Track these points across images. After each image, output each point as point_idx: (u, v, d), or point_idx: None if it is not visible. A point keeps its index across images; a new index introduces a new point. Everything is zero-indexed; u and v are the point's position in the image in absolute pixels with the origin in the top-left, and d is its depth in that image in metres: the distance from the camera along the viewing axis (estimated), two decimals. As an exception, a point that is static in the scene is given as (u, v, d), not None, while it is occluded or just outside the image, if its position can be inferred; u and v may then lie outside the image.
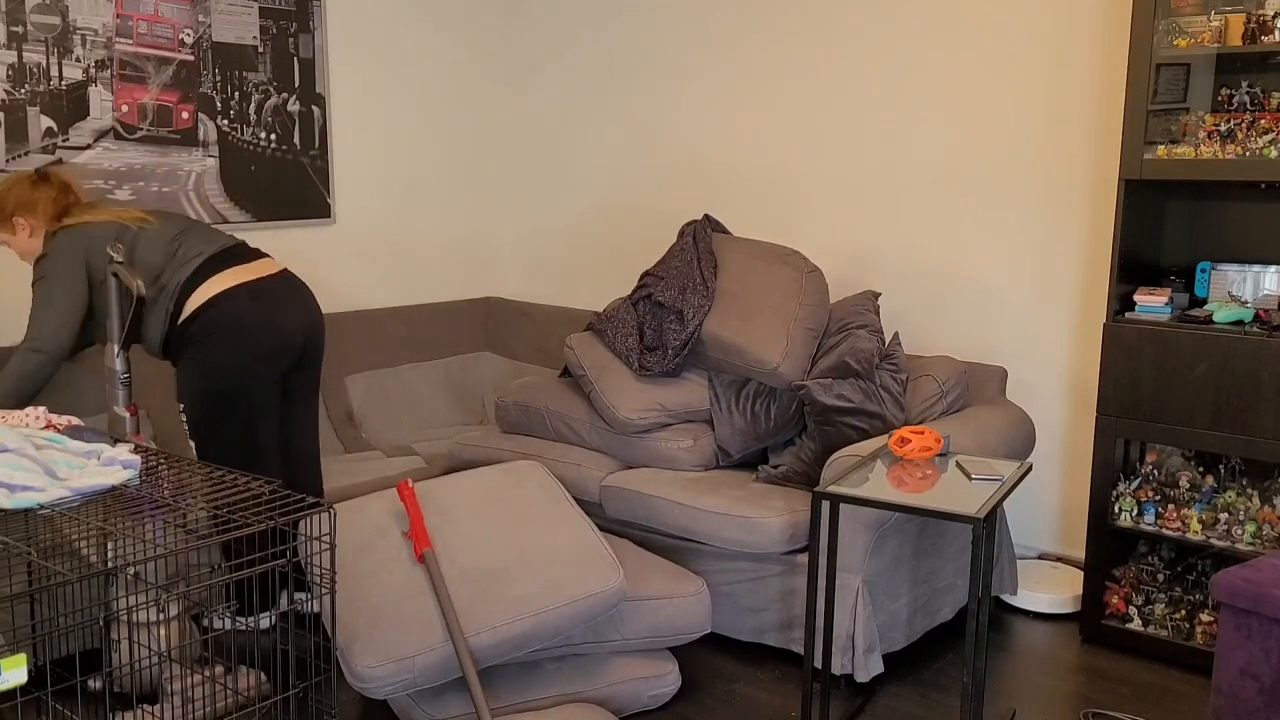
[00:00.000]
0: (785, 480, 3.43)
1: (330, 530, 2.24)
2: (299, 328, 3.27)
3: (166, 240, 3.20)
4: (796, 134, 4.30)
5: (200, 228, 3.32)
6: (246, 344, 3.15)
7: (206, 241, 3.25)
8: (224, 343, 3.13)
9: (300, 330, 3.28)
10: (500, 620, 2.69)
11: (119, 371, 3.15)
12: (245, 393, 3.17)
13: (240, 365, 3.15)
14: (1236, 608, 2.45)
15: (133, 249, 3.16)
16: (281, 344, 3.22)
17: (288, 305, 3.26)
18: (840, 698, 3.09)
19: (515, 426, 3.92)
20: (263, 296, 3.20)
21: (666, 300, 3.70)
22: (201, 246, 3.22)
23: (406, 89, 4.68)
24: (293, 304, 3.28)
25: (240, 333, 3.14)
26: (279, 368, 3.24)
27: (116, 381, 3.14)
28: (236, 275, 3.20)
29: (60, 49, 3.64)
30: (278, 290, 3.26)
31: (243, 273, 3.22)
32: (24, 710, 2.71)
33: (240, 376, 3.15)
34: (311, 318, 3.34)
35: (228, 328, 3.13)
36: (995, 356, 3.94)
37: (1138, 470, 3.42)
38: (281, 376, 3.28)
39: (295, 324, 3.26)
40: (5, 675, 1.80)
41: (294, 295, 3.30)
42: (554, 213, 5.08)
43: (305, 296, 3.35)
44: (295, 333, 3.26)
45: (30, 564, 2.66)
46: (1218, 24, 3.11)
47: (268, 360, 3.20)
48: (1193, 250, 3.45)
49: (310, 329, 3.33)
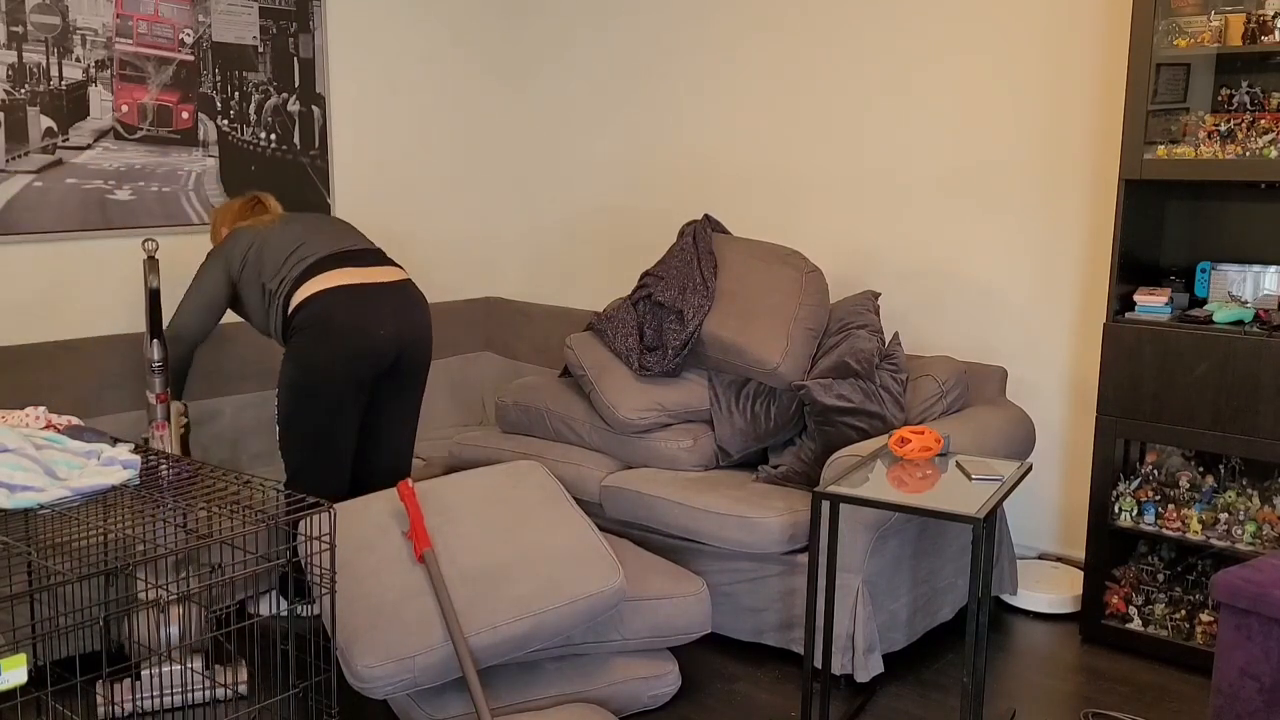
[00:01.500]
0: (785, 480, 3.43)
1: (330, 530, 2.24)
2: (391, 337, 3.29)
3: (292, 239, 3.36)
4: (797, 134, 4.31)
5: (332, 230, 3.45)
6: (331, 343, 3.20)
7: (330, 243, 3.36)
8: (312, 339, 3.21)
9: (393, 340, 3.29)
10: (500, 620, 2.69)
11: (152, 359, 3.27)
12: (323, 391, 3.21)
13: (322, 363, 3.20)
14: (1236, 608, 2.45)
15: (262, 247, 3.36)
16: (368, 349, 3.24)
17: (384, 313, 3.28)
18: (840, 698, 3.09)
19: (515, 426, 3.92)
20: (361, 301, 3.25)
21: (666, 300, 3.70)
22: (320, 248, 3.34)
23: (406, 89, 4.68)
24: (391, 313, 3.29)
25: (327, 331, 3.20)
26: (362, 373, 3.25)
27: (149, 369, 3.27)
28: (344, 276, 3.28)
29: (60, 49, 3.64)
30: (379, 296, 3.29)
31: (352, 275, 3.29)
32: (24, 710, 2.71)
33: (321, 374, 3.20)
34: (411, 331, 3.35)
35: (318, 325, 3.20)
36: (995, 356, 3.94)
37: (1138, 470, 3.42)
38: (367, 383, 3.29)
39: (388, 333, 3.28)
40: (5, 675, 1.80)
41: (397, 305, 3.32)
42: (554, 213, 5.08)
43: (411, 308, 3.37)
44: (386, 341, 3.27)
45: (30, 564, 2.66)
46: (1218, 24, 3.11)
47: (350, 363, 3.22)
48: (1193, 250, 3.45)
49: (405, 341, 3.34)
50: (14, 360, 3.48)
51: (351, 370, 3.22)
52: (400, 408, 3.47)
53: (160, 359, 3.29)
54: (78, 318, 3.76)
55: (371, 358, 3.25)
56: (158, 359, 3.29)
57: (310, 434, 3.26)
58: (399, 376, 3.40)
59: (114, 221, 3.81)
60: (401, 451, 3.53)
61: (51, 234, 3.68)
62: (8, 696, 2.37)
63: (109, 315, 3.83)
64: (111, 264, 3.83)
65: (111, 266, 3.83)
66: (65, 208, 3.69)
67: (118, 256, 3.84)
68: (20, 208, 3.60)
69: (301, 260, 3.31)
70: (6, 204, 3.56)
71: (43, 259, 3.68)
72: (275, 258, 3.34)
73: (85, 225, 3.74)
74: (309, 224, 3.46)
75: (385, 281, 3.33)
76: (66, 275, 3.73)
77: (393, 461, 3.51)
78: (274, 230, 3.41)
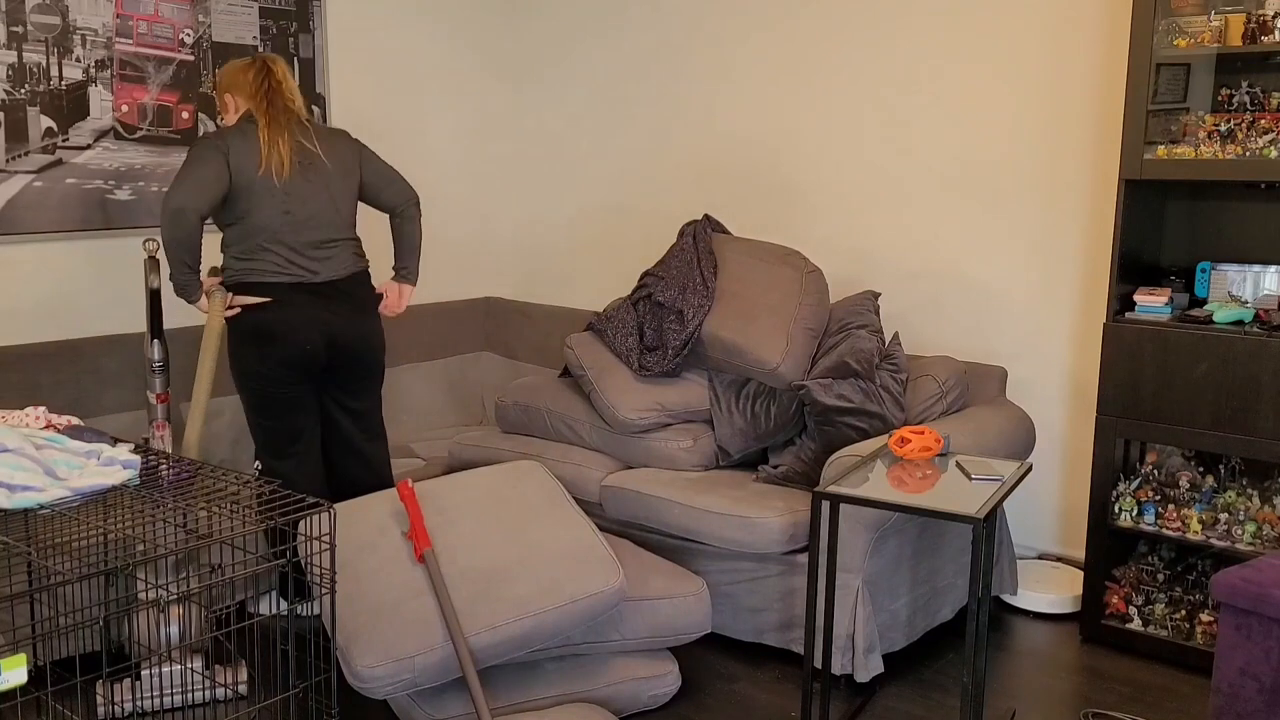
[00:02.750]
0: (785, 480, 3.43)
1: (330, 530, 2.24)
2: (318, 346, 3.31)
3: (277, 209, 3.24)
4: (797, 134, 4.31)
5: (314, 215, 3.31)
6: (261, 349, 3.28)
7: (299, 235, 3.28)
8: (243, 344, 3.31)
9: (320, 348, 3.32)
10: (500, 620, 2.69)
11: (151, 359, 3.30)
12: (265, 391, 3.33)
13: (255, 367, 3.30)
14: (1236, 608, 2.45)
15: (251, 185, 3.21)
16: (295, 357, 3.29)
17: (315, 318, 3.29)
18: (840, 698, 3.09)
19: (515, 426, 3.92)
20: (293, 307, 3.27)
21: (666, 300, 3.70)
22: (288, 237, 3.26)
23: (406, 89, 4.68)
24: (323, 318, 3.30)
25: (257, 338, 3.27)
26: (295, 372, 3.30)
27: (149, 369, 3.31)
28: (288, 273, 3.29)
29: (60, 49, 3.64)
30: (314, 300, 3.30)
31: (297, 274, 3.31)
32: (24, 710, 2.71)
33: (257, 376, 3.32)
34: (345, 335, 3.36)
35: (249, 331, 3.28)
36: (995, 356, 3.94)
37: (1138, 470, 3.42)
38: (303, 380, 3.33)
39: (313, 343, 3.30)
40: (5, 675, 1.80)
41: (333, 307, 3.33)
42: (554, 213, 5.08)
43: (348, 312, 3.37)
44: (312, 350, 3.30)
45: (30, 564, 2.67)
46: (1218, 24, 3.11)
47: (281, 367, 3.29)
48: (1193, 250, 3.45)
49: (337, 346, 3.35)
50: (14, 360, 3.48)
51: (285, 373, 3.28)
52: (354, 416, 3.49)
53: (160, 359, 3.31)
54: (78, 318, 3.76)
55: (301, 362, 3.29)
56: (158, 359, 3.30)
57: (268, 430, 3.34)
58: (338, 379, 3.42)
59: (114, 221, 3.81)
60: (373, 463, 3.55)
61: (51, 234, 3.68)
62: (8, 696, 2.37)
63: (109, 315, 3.83)
64: (111, 264, 3.83)
65: (111, 266, 3.83)
66: (65, 208, 3.69)
67: (118, 256, 3.84)
68: (20, 208, 3.60)
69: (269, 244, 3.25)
70: (6, 204, 3.56)
71: (43, 259, 3.68)
72: (259, 208, 3.22)
73: (85, 225, 3.74)
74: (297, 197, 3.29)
75: (328, 280, 3.33)
76: (66, 275, 3.73)
77: (368, 474, 3.53)
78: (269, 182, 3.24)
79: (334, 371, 3.38)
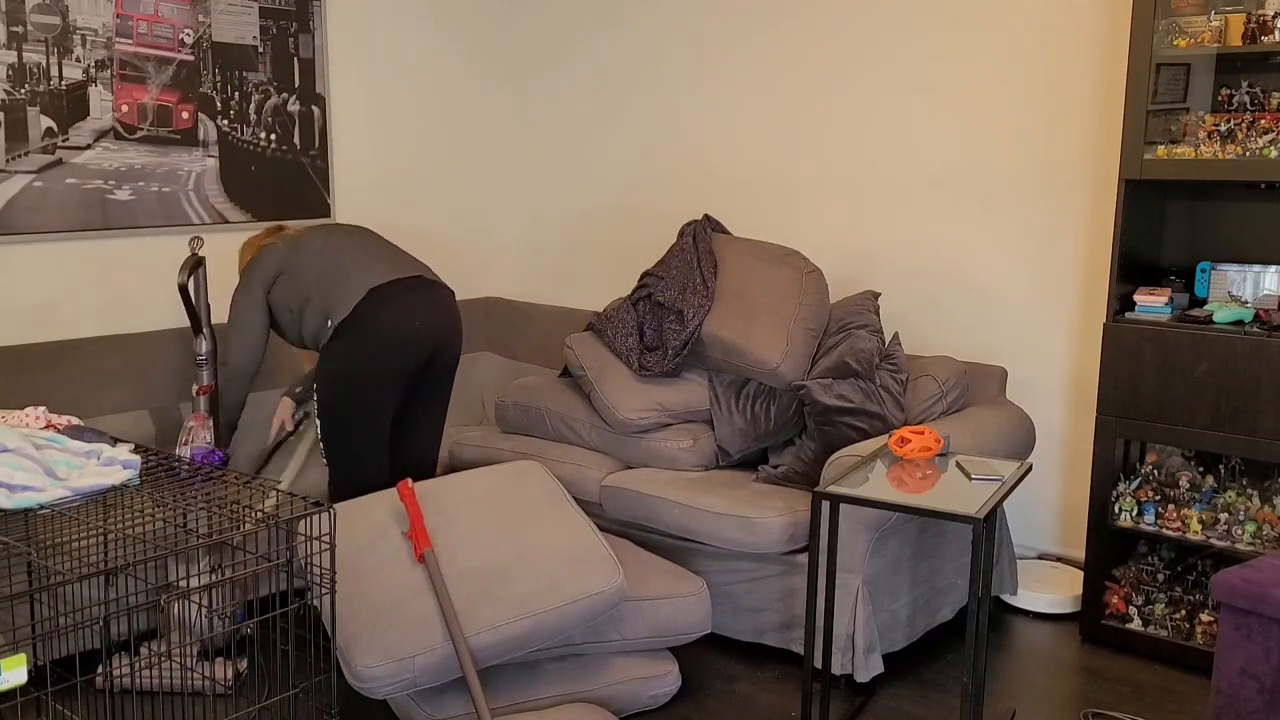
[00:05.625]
0: (785, 480, 3.43)
1: (330, 530, 2.24)
2: (427, 332, 3.34)
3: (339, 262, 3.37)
4: (797, 134, 4.31)
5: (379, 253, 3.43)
6: (371, 340, 3.28)
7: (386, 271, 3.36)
8: (351, 336, 3.30)
9: (428, 335, 3.34)
10: (500, 620, 2.69)
11: (198, 353, 3.46)
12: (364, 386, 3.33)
13: (362, 360, 3.30)
14: (1236, 608, 2.45)
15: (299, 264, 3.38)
16: (404, 345, 3.30)
17: (419, 308, 3.32)
18: (840, 698, 3.09)
19: (515, 426, 3.92)
20: (395, 297, 3.30)
21: (666, 300, 3.70)
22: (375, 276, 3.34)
23: (406, 89, 4.68)
24: (426, 308, 3.33)
25: (366, 328, 3.28)
26: (400, 368, 3.31)
27: (196, 361, 3.49)
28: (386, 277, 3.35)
29: (60, 49, 3.64)
30: (415, 292, 3.33)
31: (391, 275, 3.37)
32: (24, 710, 2.71)
33: (361, 370, 3.31)
34: (446, 327, 3.40)
35: (357, 323, 3.29)
36: (995, 356, 3.94)
37: (1138, 470, 3.42)
38: (404, 378, 3.33)
39: (424, 325, 3.33)
40: (5, 675, 1.80)
41: (432, 301, 3.36)
42: (553, 213, 5.08)
43: (445, 308, 3.41)
44: (422, 336, 3.33)
45: (30, 564, 2.67)
46: (1218, 24, 3.11)
47: (389, 359, 3.30)
48: (1193, 250, 3.45)
49: (439, 336, 3.38)
50: (14, 360, 3.48)
51: (390, 365, 3.26)
52: (432, 406, 3.50)
53: (205, 353, 3.42)
54: (78, 318, 3.76)
55: (409, 354, 3.28)
56: (203, 352, 3.41)
57: (351, 427, 3.28)
58: (433, 373, 3.42)
59: (114, 221, 3.81)
60: (426, 451, 3.54)
61: (51, 234, 3.68)
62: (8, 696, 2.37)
63: (109, 315, 3.83)
64: (111, 264, 3.83)
65: (111, 266, 3.83)
66: (65, 208, 3.69)
67: (118, 256, 3.84)
68: (20, 208, 3.60)
69: (359, 288, 3.29)
70: (6, 204, 3.56)
71: (43, 259, 3.68)
72: (327, 274, 3.31)
73: (85, 225, 3.75)
74: (352, 244, 3.42)
75: (420, 277, 3.38)
76: (66, 275, 3.73)
77: (419, 458, 3.52)
78: (313, 245, 3.39)
79: (432, 364, 3.40)
